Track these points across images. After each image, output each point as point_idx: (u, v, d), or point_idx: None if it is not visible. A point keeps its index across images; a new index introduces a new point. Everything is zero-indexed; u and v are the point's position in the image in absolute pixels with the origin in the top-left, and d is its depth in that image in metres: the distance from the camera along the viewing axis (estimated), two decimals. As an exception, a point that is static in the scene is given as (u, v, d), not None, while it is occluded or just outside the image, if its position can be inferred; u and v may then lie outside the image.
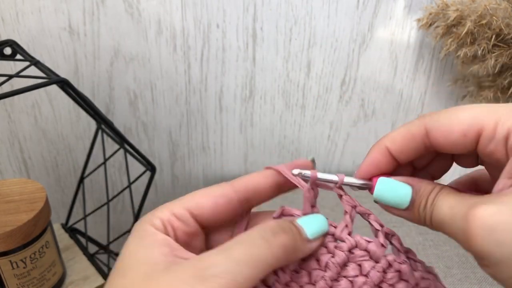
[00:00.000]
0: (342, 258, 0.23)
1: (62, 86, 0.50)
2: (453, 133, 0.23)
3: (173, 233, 0.23)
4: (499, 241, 0.19)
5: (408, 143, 0.24)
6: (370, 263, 0.24)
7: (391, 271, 0.24)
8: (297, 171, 0.25)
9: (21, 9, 0.62)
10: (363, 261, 0.24)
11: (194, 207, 0.24)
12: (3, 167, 0.75)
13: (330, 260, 0.23)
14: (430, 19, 0.64)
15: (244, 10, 0.64)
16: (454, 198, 0.22)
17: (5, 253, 0.47)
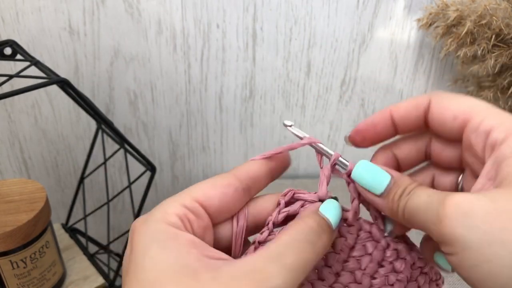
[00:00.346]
0: (353, 241, 0.25)
1: (62, 86, 0.50)
2: (446, 112, 0.24)
3: (191, 228, 0.22)
4: (471, 225, 0.19)
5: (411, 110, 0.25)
6: (373, 243, 0.26)
7: (390, 249, 0.26)
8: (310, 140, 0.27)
9: (21, 9, 0.63)
10: (367, 241, 0.26)
11: (203, 198, 0.23)
12: (3, 167, 0.75)
13: (344, 243, 0.25)
14: (430, 19, 0.64)
15: (244, 10, 0.64)
16: (433, 190, 0.22)
17: (5, 253, 0.47)
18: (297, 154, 0.78)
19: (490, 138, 0.22)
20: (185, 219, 0.22)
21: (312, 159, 0.79)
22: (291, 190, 0.26)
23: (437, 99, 0.24)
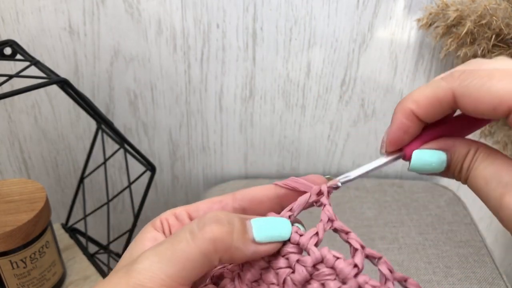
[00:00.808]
0: (303, 276, 0.21)
1: (62, 86, 0.50)
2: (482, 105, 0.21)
3: (169, 230, 0.24)
4: None
5: (434, 107, 0.23)
6: (336, 283, 0.20)
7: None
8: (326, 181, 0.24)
9: (21, 9, 0.62)
10: (328, 280, 0.20)
11: (191, 209, 0.25)
12: (3, 167, 0.75)
13: (290, 276, 0.21)
14: (430, 19, 0.64)
15: (244, 10, 0.64)
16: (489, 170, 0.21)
17: (5, 253, 0.47)
18: (297, 154, 0.78)
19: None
20: (165, 222, 0.24)
21: (312, 158, 0.79)
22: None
23: (462, 91, 0.22)
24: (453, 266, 0.58)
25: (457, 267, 0.58)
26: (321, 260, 0.21)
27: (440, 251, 0.60)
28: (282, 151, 0.78)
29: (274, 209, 0.24)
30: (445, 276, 0.57)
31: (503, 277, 0.58)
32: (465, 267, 0.58)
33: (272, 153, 0.78)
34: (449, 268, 0.58)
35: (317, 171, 0.80)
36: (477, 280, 0.56)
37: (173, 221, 0.24)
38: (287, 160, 0.79)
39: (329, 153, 0.78)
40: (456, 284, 0.56)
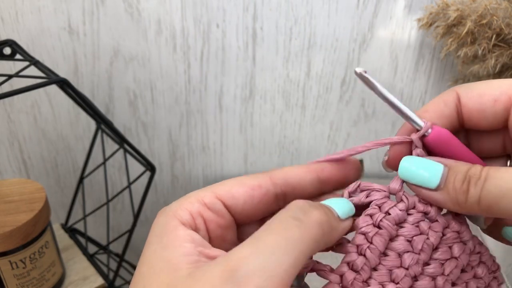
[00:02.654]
0: (438, 240, 0.21)
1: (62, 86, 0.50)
2: (484, 97, 0.21)
3: (204, 226, 0.20)
4: None
5: (442, 109, 0.22)
6: (461, 245, 0.22)
7: (474, 252, 0.23)
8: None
9: (21, 9, 0.62)
10: (454, 243, 0.22)
11: (226, 196, 0.21)
12: (3, 167, 0.75)
13: (425, 242, 0.21)
14: (431, 19, 0.64)
15: (244, 9, 0.64)
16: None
17: (5, 253, 0.47)
18: (297, 154, 0.78)
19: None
20: (198, 216, 0.20)
21: (312, 158, 0.79)
22: (358, 182, 0.23)
23: (465, 89, 0.22)
24: (454, 266, 0.58)
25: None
26: (447, 225, 0.22)
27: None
28: (282, 151, 0.78)
29: (314, 194, 0.23)
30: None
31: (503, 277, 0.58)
32: (465, 267, 0.58)
33: (272, 153, 0.78)
34: (449, 268, 0.58)
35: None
36: (477, 280, 0.56)
37: (210, 215, 0.20)
38: (287, 160, 0.79)
39: (329, 153, 0.78)
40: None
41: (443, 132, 0.22)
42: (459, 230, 0.22)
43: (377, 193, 0.22)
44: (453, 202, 0.20)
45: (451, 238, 0.22)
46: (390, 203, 0.22)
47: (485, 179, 0.19)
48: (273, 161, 0.79)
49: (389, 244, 0.21)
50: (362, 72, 0.22)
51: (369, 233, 0.21)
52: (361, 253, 0.21)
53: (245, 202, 0.21)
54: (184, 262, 0.18)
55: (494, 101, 0.21)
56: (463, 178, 0.20)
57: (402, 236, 0.21)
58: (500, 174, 0.19)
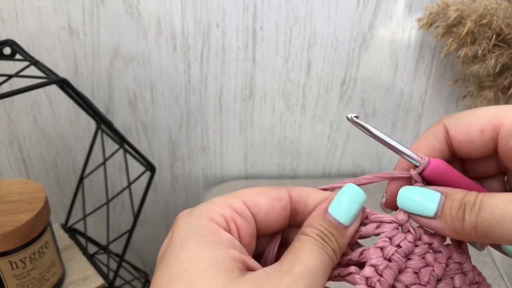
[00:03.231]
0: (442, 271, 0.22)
1: (62, 86, 0.50)
2: (470, 128, 0.22)
3: (237, 233, 0.21)
4: None
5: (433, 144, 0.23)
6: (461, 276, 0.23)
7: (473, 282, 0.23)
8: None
9: (21, 9, 0.62)
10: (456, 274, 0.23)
11: (251, 203, 0.22)
12: (3, 167, 0.75)
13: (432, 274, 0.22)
14: (431, 19, 0.64)
15: (244, 10, 0.64)
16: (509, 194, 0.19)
17: (5, 253, 0.47)
18: (297, 154, 0.78)
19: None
20: (231, 221, 0.21)
21: (312, 158, 0.79)
22: (365, 208, 0.23)
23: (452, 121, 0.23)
24: (454, 267, 0.58)
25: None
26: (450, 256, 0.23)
27: (441, 252, 0.60)
28: (282, 151, 0.78)
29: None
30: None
31: (504, 277, 0.58)
32: (465, 268, 0.58)
33: (272, 153, 0.78)
34: (449, 269, 0.58)
35: (317, 171, 0.80)
36: (477, 280, 0.56)
37: (242, 223, 0.21)
38: (287, 160, 0.79)
39: (329, 153, 0.78)
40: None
41: (440, 164, 0.23)
42: (461, 261, 0.23)
43: (388, 225, 0.23)
44: (451, 230, 0.21)
45: (453, 269, 0.22)
46: (400, 236, 0.22)
47: (480, 206, 0.20)
48: (273, 161, 0.79)
49: (397, 276, 0.22)
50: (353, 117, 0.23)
51: (379, 265, 0.21)
52: (370, 285, 0.21)
53: (267, 212, 0.22)
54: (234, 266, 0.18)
55: (481, 131, 0.22)
56: (459, 206, 0.20)
57: (410, 268, 0.22)
58: (494, 200, 0.19)
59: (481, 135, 0.22)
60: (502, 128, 0.21)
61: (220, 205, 0.21)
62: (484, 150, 0.22)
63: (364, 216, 0.23)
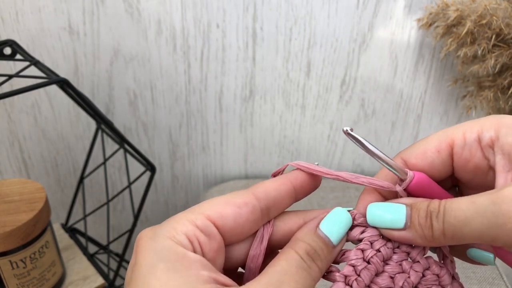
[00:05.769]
0: (417, 279, 0.23)
1: (62, 86, 0.50)
2: (427, 152, 0.24)
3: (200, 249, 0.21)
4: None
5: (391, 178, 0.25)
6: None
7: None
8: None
9: (21, 9, 0.62)
10: (433, 285, 0.24)
11: (216, 216, 0.22)
12: (3, 167, 0.75)
13: (406, 280, 0.23)
14: (430, 19, 0.64)
15: (244, 10, 0.64)
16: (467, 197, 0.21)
17: (5, 253, 0.47)
18: (297, 154, 0.78)
19: (483, 140, 0.23)
20: (195, 240, 0.20)
21: (312, 158, 0.79)
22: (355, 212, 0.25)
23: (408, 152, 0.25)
24: (453, 266, 0.58)
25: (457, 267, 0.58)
26: (428, 267, 0.24)
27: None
28: (282, 151, 0.78)
29: (290, 203, 0.25)
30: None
31: (503, 277, 0.58)
32: (465, 267, 0.58)
33: (272, 153, 0.78)
34: (449, 268, 0.58)
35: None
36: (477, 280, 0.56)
37: (204, 239, 0.21)
38: (287, 160, 0.79)
39: (329, 153, 0.78)
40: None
41: (424, 179, 0.24)
42: (439, 274, 0.24)
43: (371, 230, 0.24)
44: (422, 238, 0.22)
45: (430, 280, 0.23)
46: (381, 242, 0.24)
47: (444, 212, 0.21)
48: (273, 161, 0.79)
49: (374, 279, 0.23)
50: (348, 130, 0.24)
51: (358, 266, 0.23)
52: (348, 284, 0.22)
53: (234, 221, 0.22)
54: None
55: (437, 152, 0.24)
56: (425, 214, 0.22)
57: (387, 272, 0.23)
58: (456, 205, 0.21)
59: (438, 156, 0.24)
60: (455, 143, 0.23)
61: (183, 223, 0.21)
62: (444, 169, 0.24)
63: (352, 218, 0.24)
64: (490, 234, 0.20)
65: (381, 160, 0.24)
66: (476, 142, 0.23)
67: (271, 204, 0.23)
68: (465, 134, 0.23)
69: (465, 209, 0.20)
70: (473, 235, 0.20)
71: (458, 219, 0.20)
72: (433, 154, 0.24)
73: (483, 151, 0.23)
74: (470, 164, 0.23)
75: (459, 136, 0.23)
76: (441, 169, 0.24)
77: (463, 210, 0.20)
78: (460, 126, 0.24)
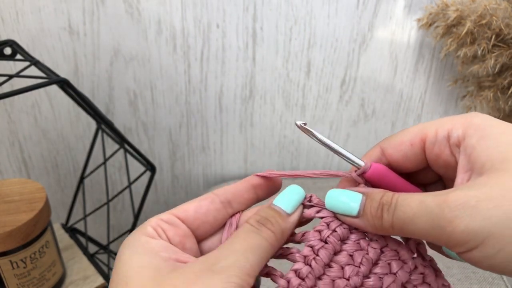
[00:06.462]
0: (376, 256, 0.25)
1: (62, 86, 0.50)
2: (402, 145, 0.25)
3: (165, 235, 0.24)
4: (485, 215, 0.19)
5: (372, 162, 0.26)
6: (399, 263, 0.25)
7: (416, 273, 0.25)
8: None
9: (21, 9, 0.62)
10: (393, 260, 0.25)
11: (179, 211, 0.25)
12: (3, 167, 0.75)
13: (365, 256, 0.24)
14: (430, 19, 0.64)
15: (244, 10, 0.64)
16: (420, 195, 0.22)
17: (5, 253, 0.47)
18: (297, 154, 0.78)
19: (451, 138, 0.24)
20: (159, 229, 0.24)
21: (311, 158, 0.79)
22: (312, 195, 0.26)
23: (387, 142, 0.26)
24: (453, 266, 0.58)
25: (457, 267, 0.58)
26: (386, 245, 0.25)
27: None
28: (282, 151, 0.78)
29: (252, 197, 0.27)
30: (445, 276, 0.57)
31: (503, 277, 0.58)
32: (465, 267, 0.58)
33: (272, 153, 0.78)
34: (449, 268, 0.58)
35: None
36: (477, 280, 0.56)
37: (167, 226, 0.24)
38: (287, 160, 0.79)
39: (329, 153, 0.78)
40: (456, 284, 0.56)
41: (380, 169, 0.26)
42: (397, 249, 0.25)
43: (327, 211, 0.25)
44: (372, 227, 0.24)
45: (389, 256, 0.25)
46: (337, 222, 0.25)
47: (395, 206, 0.22)
48: (273, 161, 0.79)
49: (334, 258, 0.24)
50: (302, 124, 0.26)
51: (316, 246, 0.24)
52: (307, 263, 0.24)
53: (195, 212, 0.25)
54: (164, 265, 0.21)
55: (410, 145, 0.25)
56: (377, 205, 0.23)
57: (345, 251, 0.25)
58: (406, 201, 0.22)
59: (411, 148, 0.25)
60: (427, 139, 0.25)
61: (152, 221, 0.24)
62: (417, 161, 0.26)
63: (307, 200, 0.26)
64: (433, 233, 0.21)
65: (336, 152, 0.26)
66: (445, 139, 0.24)
67: (230, 197, 0.26)
68: (437, 131, 0.24)
69: (414, 207, 0.21)
70: (419, 232, 0.21)
71: (407, 215, 0.21)
72: (406, 147, 0.25)
73: (451, 148, 0.24)
74: (440, 160, 0.25)
75: (431, 132, 0.24)
76: (414, 161, 0.26)
77: (411, 207, 0.21)
78: (435, 122, 0.25)
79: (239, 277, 0.20)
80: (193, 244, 0.25)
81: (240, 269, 0.21)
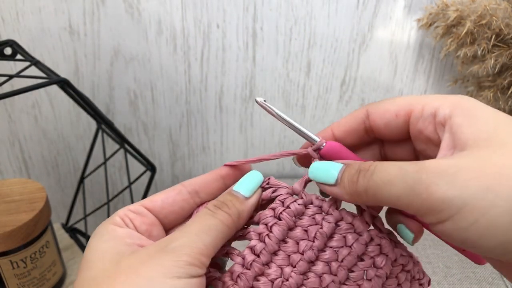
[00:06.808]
0: (330, 229, 0.25)
1: (62, 86, 0.50)
2: (387, 113, 0.26)
3: (132, 224, 0.25)
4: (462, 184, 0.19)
5: (350, 124, 0.27)
6: (354, 235, 0.25)
7: (373, 244, 0.25)
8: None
9: (21, 9, 0.63)
10: (348, 233, 0.25)
11: (147, 202, 0.26)
12: (3, 167, 0.75)
13: (319, 231, 0.25)
14: (430, 19, 0.64)
15: (244, 10, 0.64)
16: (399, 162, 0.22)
17: (5, 253, 0.47)
18: (297, 154, 0.78)
19: (438, 117, 0.24)
20: (126, 218, 0.25)
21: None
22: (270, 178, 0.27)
23: (373, 107, 0.27)
24: (453, 266, 0.58)
25: (457, 267, 0.58)
26: (341, 218, 0.26)
27: (440, 251, 0.60)
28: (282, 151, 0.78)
29: (220, 187, 0.28)
30: (445, 276, 0.57)
31: (503, 277, 0.58)
32: (464, 267, 0.58)
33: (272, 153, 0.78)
34: (449, 268, 0.58)
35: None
36: (477, 280, 0.56)
37: (134, 216, 0.25)
38: (287, 159, 0.79)
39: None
40: (456, 284, 0.56)
41: (334, 145, 0.27)
42: (352, 222, 0.26)
43: (281, 190, 0.26)
44: (347, 194, 0.24)
45: (344, 229, 0.25)
46: (290, 199, 0.26)
47: (373, 171, 0.22)
48: (273, 161, 0.79)
49: (289, 233, 0.25)
50: (261, 101, 0.27)
51: (269, 223, 0.25)
52: (261, 240, 0.25)
53: (162, 201, 0.26)
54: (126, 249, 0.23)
55: (395, 116, 0.26)
56: (354, 172, 0.23)
57: (300, 226, 0.25)
58: (384, 167, 0.22)
59: (395, 119, 0.26)
60: (413, 113, 0.25)
61: (120, 211, 0.25)
62: (398, 132, 0.26)
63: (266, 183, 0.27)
64: (406, 200, 0.21)
65: (294, 128, 0.27)
66: (431, 116, 0.24)
67: (197, 188, 0.27)
68: (424, 107, 0.24)
69: (391, 172, 0.21)
70: (391, 198, 0.21)
71: (383, 180, 0.22)
72: (391, 116, 0.26)
73: (435, 126, 0.24)
74: (422, 136, 0.25)
75: (418, 107, 0.25)
76: (395, 131, 0.26)
77: (388, 172, 0.22)
78: (423, 98, 0.25)
79: (190, 255, 0.21)
80: (160, 231, 0.26)
81: (192, 248, 0.21)
